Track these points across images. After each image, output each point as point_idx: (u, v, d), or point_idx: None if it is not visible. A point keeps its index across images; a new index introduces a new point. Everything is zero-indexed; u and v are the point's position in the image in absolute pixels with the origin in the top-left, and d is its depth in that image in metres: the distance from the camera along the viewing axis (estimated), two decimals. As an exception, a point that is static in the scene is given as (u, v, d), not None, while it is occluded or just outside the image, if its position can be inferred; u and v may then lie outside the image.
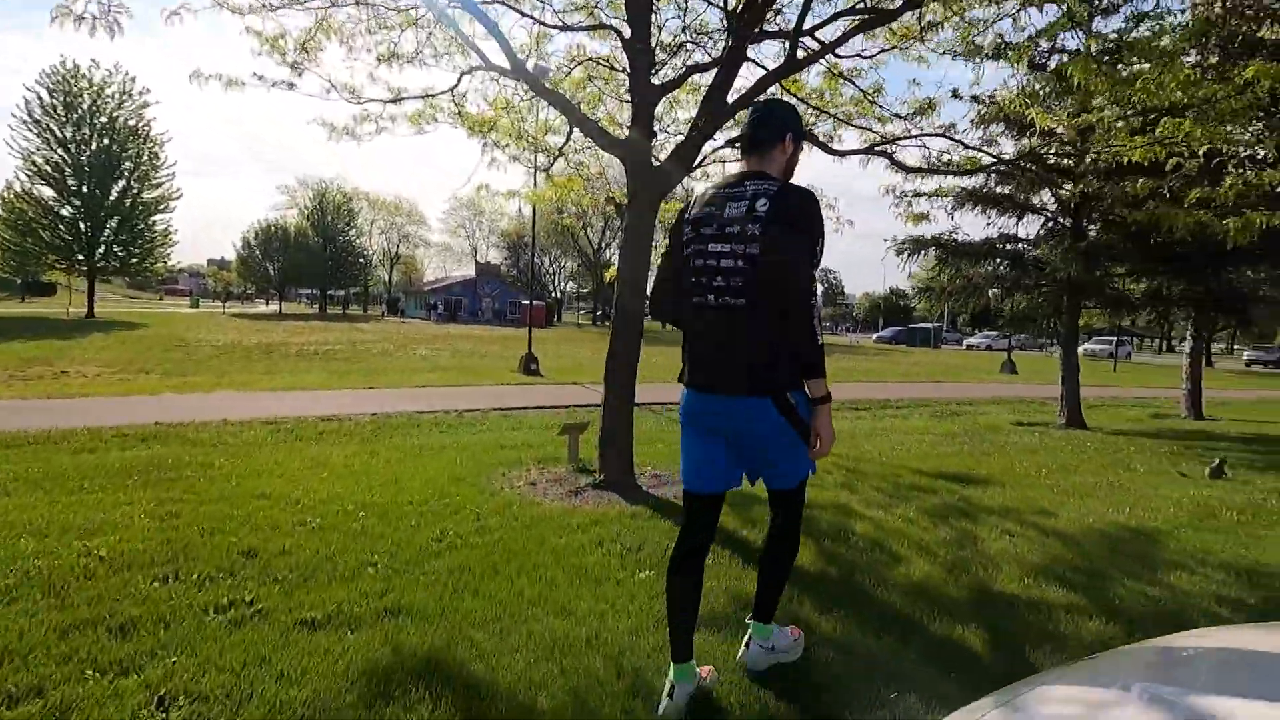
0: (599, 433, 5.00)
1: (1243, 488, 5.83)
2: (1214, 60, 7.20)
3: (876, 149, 5.07)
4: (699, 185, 8.27)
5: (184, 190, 54.40)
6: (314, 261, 49.18)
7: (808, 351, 1.96)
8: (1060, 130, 4.65)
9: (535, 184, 8.03)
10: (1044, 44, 10.51)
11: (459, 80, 5.30)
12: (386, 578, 3.02)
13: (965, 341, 50.76)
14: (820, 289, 2.38)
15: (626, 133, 5.22)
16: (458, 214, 67.29)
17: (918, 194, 11.34)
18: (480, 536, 3.65)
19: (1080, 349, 13.51)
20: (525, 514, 4.09)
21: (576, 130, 5.71)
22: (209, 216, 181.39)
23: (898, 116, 5.67)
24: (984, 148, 5.35)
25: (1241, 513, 4.90)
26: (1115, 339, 34.40)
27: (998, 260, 11.49)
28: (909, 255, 11.02)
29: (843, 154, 5.13)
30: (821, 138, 5.23)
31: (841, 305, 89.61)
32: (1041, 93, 5.76)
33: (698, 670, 2.21)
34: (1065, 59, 9.90)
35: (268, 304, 61.38)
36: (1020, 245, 11.46)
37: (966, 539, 3.97)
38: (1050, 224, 11.47)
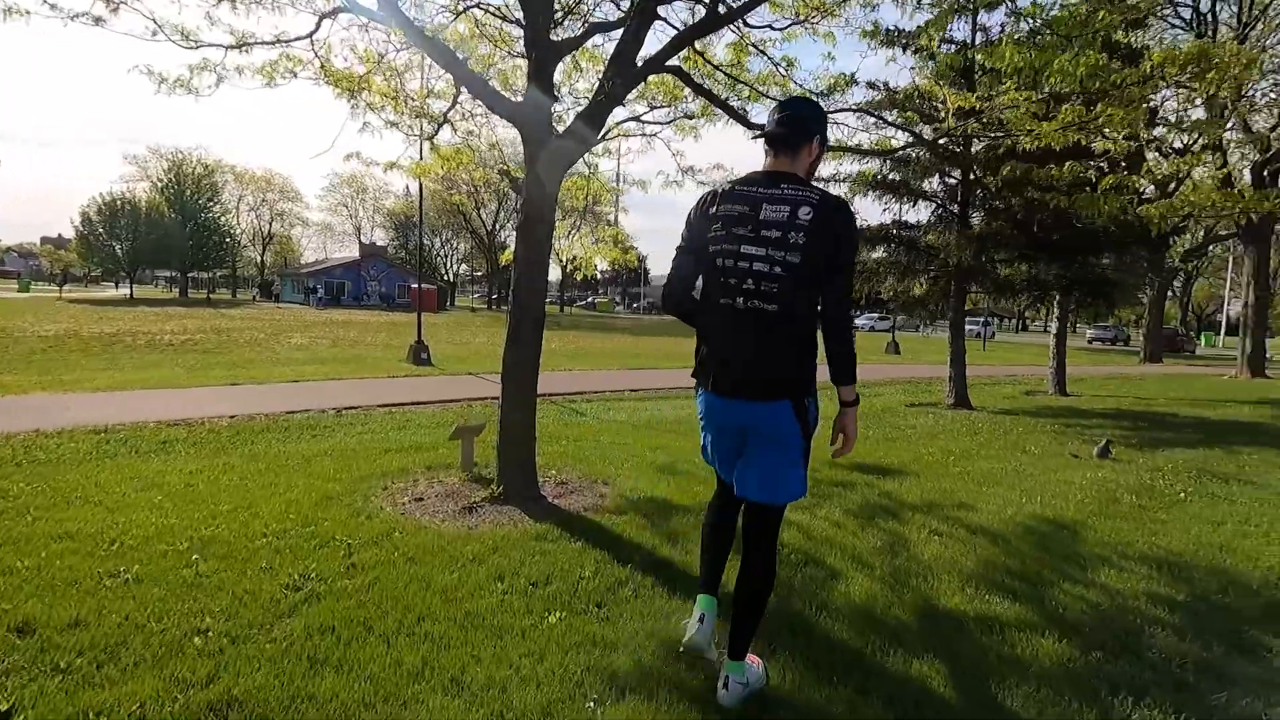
0: (496, 437, 4.40)
1: (1129, 467, 6.06)
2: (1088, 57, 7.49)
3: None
4: (603, 161, 7.72)
5: (3, 159, 47.43)
6: (171, 240, 44.29)
7: (844, 360, 2.06)
8: (978, 109, 4.48)
9: (421, 155, 7.21)
10: (935, 34, 10.78)
11: (318, 24, 4.46)
12: (218, 652, 2.33)
13: (851, 323, 53.17)
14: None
15: (521, 99, 4.59)
16: (338, 191, 62.99)
17: (818, 178, 11.46)
18: (350, 579, 2.99)
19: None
20: (409, 543, 3.45)
21: (465, 94, 5.01)
22: (46, 190, 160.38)
23: (812, 94, 5.37)
24: (907, 127, 5.17)
25: (1138, 495, 5.02)
26: (984, 320, 37.07)
27: (892, 245, 11.74)
28: (810, 240, 11.02)
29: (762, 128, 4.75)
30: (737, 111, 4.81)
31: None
32: (950, 75, 5.64)
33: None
34: (953, 49, 10.13)
35: (117, 288, 54.93)
36: (913, 231, 11.74)
37: (898, 543, 3.73)
38: (939, 211, 11.82)
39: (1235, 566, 3.62)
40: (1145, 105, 4.36)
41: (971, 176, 10.81)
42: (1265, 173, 18.03)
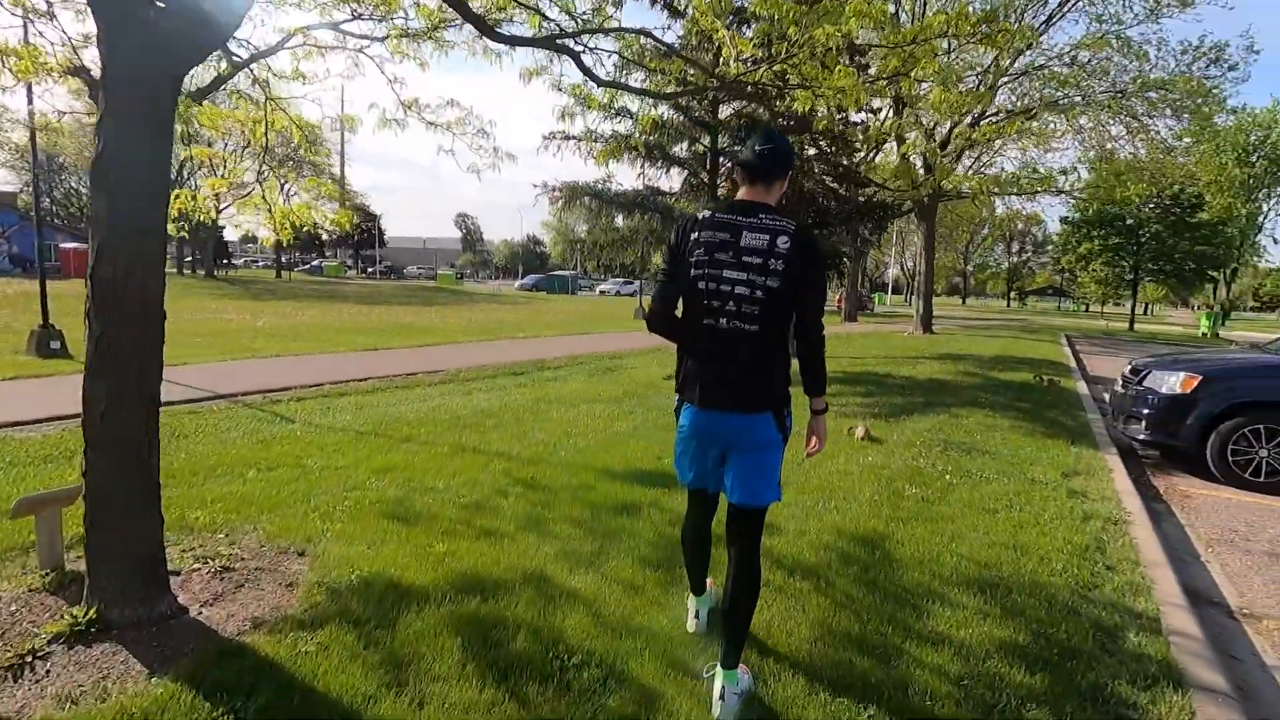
0: (87, 512, 2.60)
1: (889, 448, 6.05)
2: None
3: (559, 42, 3.51)
4: (293, 86, 5.75)
5: None
6: None
7: (817, 373, 2.30)
8: (773, 55, 3.72)
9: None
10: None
11: None
12: None
13: (599, 288, 54.29)
14: None
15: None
16: (-71, 113, 46.36)
17: (568, 136, 10.42)
18: None
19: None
20: None
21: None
22: None
23: (570, 15, 4.19)
24: (695, 62, 4.27)
25: (913, 484, 4.87)
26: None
27: (647, 213, 11.21)
28: (564, 203, 9.99)
29: (514, 41, 3.44)
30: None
31: (481, 253, 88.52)
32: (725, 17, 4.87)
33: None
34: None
35: None
36: (668, 197, 11.33)
37: (714, 609, 2.87)
38: (691, 178, 11.58)
39: (1039, 575, 3.40)
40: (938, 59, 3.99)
41: (720, 145, 10.67)
42: (932, 161, 21.30)
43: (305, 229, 5.77)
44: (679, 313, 2.33)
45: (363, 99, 5.10)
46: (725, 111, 10.79)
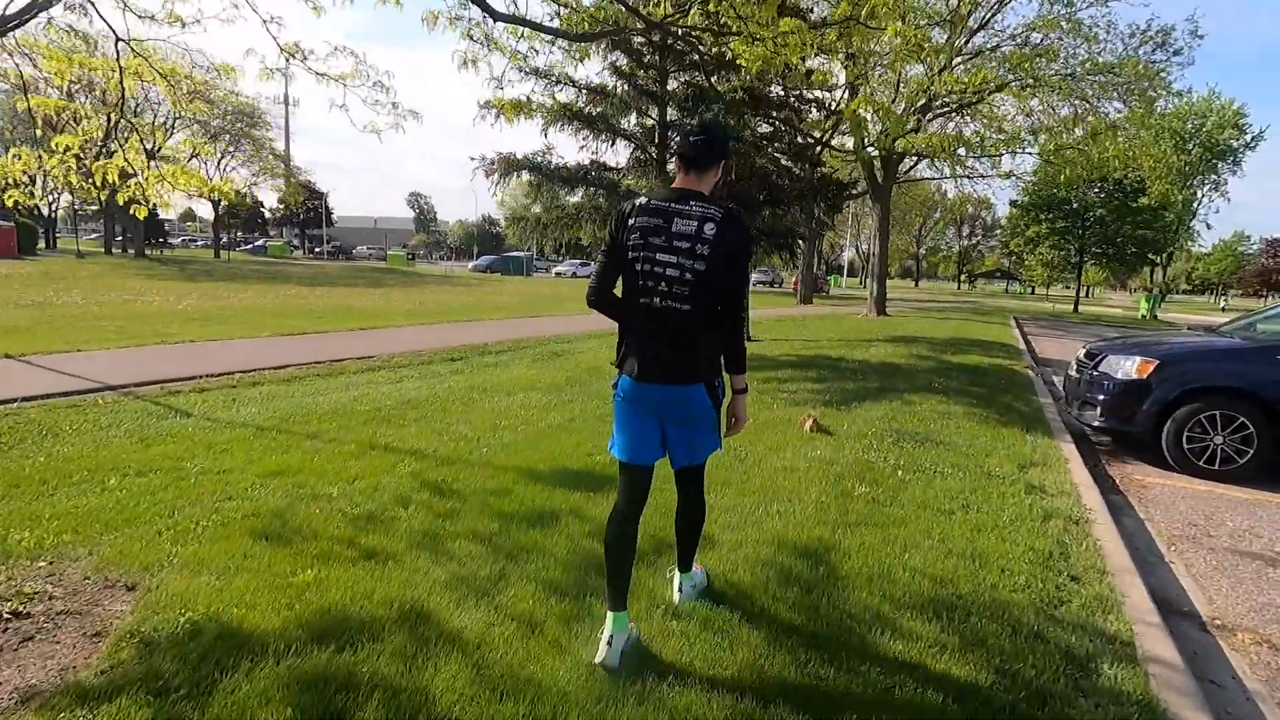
0: None
1: (839, 441, 5.65)
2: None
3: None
4: (161, 30, 5.00)
5: None
6: None
7: (738, 352, 2.45)
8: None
9: None
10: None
11: None
12: None
13: (554, 270, 53.24)
14: None
15: None
16: None
17: (510, 104, 9.73)
18: None
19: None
20: None
21: None
22: None
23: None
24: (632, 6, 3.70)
25: (865, 483, 4.48)
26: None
27: (592, 189, 10.62)
28: (501, 177, 9.32)
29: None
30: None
31: (435, 233, 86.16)
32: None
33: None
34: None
35: None
36: (614, 173, 10.76)
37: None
38: (638, 153, 11.02)
39: (1000, 592, 3.02)
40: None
41: (670, 119, 10.14)
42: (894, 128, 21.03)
43: (196, 196, 5.05)
44: (619, 294, 2.45)
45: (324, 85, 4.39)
46: (674, 84, 10.26)
